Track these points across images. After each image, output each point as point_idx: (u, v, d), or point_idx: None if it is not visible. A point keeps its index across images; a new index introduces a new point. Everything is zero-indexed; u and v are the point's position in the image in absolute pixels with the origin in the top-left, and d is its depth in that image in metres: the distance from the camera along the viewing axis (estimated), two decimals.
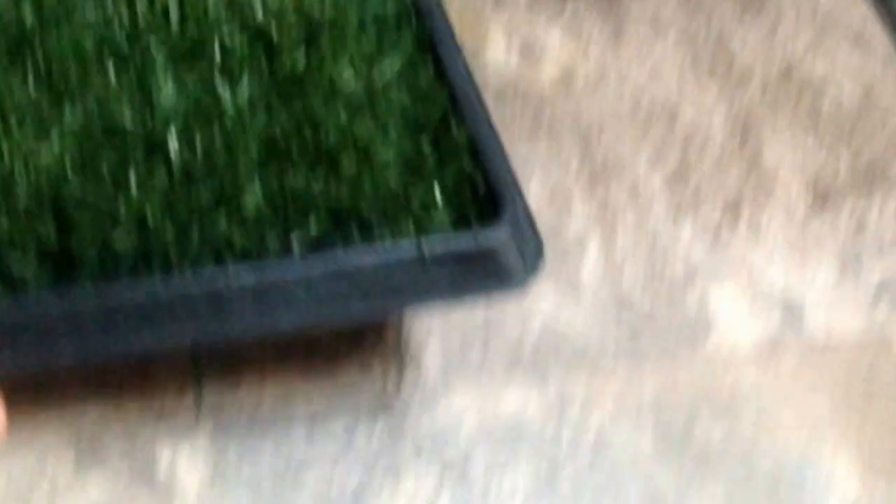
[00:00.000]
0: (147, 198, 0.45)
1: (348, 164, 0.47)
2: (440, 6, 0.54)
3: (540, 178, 0.59)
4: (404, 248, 0.44)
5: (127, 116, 0.47)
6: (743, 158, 0.62)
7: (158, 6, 0.52)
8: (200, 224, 0.45)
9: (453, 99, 0.49)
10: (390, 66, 0.50)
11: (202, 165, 0.46)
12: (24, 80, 0.49)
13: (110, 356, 0.44)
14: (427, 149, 0.48)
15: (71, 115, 0.47)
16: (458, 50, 0.52)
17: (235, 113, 0.48)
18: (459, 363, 0.51)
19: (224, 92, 0.49)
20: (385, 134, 0.48)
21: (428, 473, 0.48)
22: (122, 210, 0.45)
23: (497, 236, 0.45)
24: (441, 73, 0.50)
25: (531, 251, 0.46)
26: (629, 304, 0.55)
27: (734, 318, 0.56)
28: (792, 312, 0.56)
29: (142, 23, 0.51)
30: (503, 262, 0.45)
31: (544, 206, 0.58)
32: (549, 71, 0.64)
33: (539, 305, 0.54)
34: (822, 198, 0.61)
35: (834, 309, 0.57)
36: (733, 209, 0.60)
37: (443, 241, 0.44)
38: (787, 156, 0.63)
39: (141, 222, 0.44)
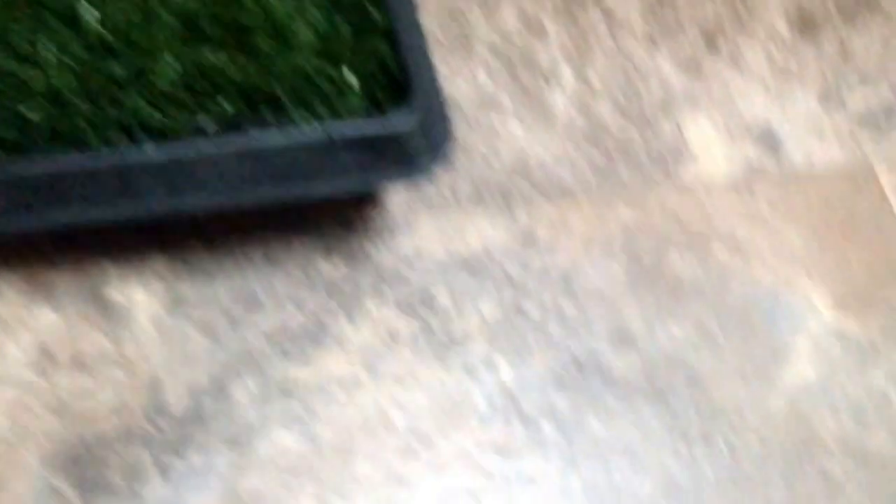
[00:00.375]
0: (61, 70, 0.43)
1: (264, 42, 0.45)
2: None
3: (511, 3, 0.56)
4: (312, 131, 0.43)
5: None
6: None
7: None
8: (114, 99, 0.43)
9: None
10: None
11: (118, 38, 0.45)
12: None
13: (20, 230, 0.43)
14: (344, 29, 0.46)
15: None
16: None
17: None
18: (423, 196, 0.50)
19: None
20: (303, 12, 0.46)
21: (390, 305, 0.46)
22: (36, 83, 0.43)
23: (405, 122, 0.44)
24: None
25: (441, 138, 0.45)
26: (603, 132, 0.53)
27: (711, 148, 0.54)
28: (771, 142, 0.55)
29: None
30: (410, 149, 0.44)
31: (516, 32, 0.55)
32: None
33: (509, 135, 0.52)
34: (805, 25, 0.58)
35: (815, 139, 0.55)
36: (713, 36, 0.57)
37: (350, 126, 0.43)
38: None
39: (55, 94, 0.43)
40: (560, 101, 0.54)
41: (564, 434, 0.45)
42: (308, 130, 0.43)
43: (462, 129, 0.51)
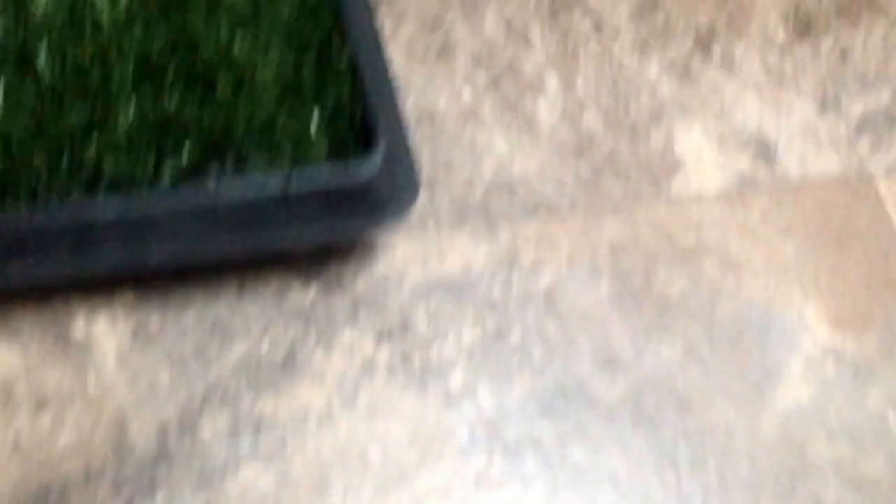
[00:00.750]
0: (14, 117, 0.42)
1: (224, 86, 0.44)
2: None
3: (495, 8, 0.54)
4: (274, 181, 0.42)
5: None
6: None
7: None
8: (70, 148, 0.42)
9: (339, 14, 0.46)
10: None
11: (74, 84, 0.44)
12: None
13: None
14: (307, 71, 0.45)
15: None
16: None
17: (111, 25, 0.45)
18: None
19: (100, 6, 0.45)
20: (265, 53, 0.45)
21: (366, 330, 0.45)
22: None
23: (369, 170, 0.42)
24: None
25: (407, 184, 0.44)
26: (590, 143, 0.52)
27: (702, 158, 0.52)
28: (765, 151, 0.53)
29: None
30: (375, 197, 0.43)
31: (500, 40, 0.53)
32: None
33: (492, 149, 0.50)
34: (802, 27, 0.56)
35: (811, 146, 0.53)
36: (705, 41, 0.55)
37: (313, 175, 0.42)
38: None
39: (7, 144, 0.42)
40: (545, 112, 0.52)
41: (547, 464, 0.44)
42: (269, 180, 0.42)
43: (442, 145, 0.50)
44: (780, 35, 0.56)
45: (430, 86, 0.51)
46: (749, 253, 0.50)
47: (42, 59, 0.44)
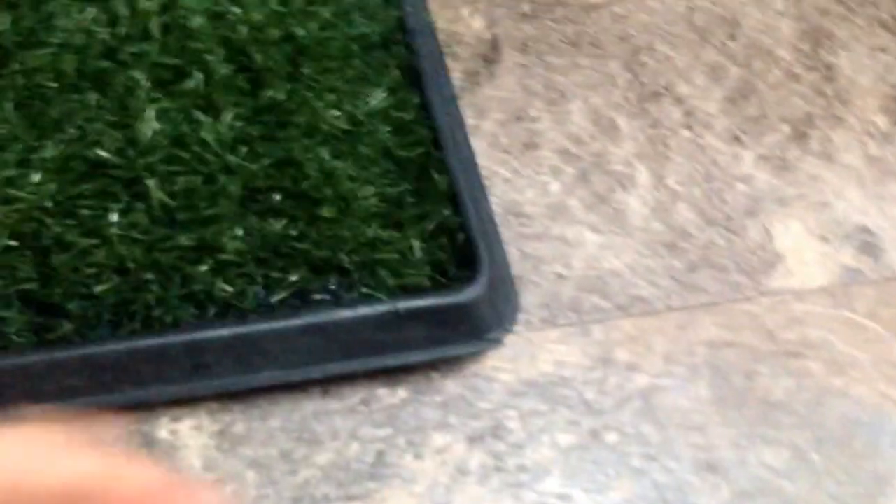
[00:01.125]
0: (128, 242, 0.43)
1: (329, 208, 0.45)
2: (430, 24, 0.51)
3: (582, 100, 0.53)
4: (379, 304, 0.42)
5: (109, 149, 0.45)
6: (813, 71, 0.55)
7: (140, 23, 0.49)
8: (182, 273, 0.43)
9: (437, 137, 0.47)
10: (375, 98, 0.48)
11: (184, 206, 0.44)
12: (2, 107, 0.46)
13: (90, 405, 0.42)
14: (407, 195, 0.46)
15: (53, 148, 0.45)
16: (445, 78, 0.50)
17: (218, 148, 0.46)
18: None
19: (206, 125, 0.46)
20: (366, 177, 0.46)
21: (457, 434, 0.43)
22: (103, 255, 0.43)
23: (472, 293, 0.43)
24: (426, 104, 0.49)
25: (507, 305, 0.45)
26: (683, 238, 0.50)
27: (802, 251, 0.50)
28: (869, 243, 0.50)
29: (123, 42, 0.48)
30: (478, 320, 0.44)
31: (587, 131, 0.52)
32: None
33: (582, 245, 0.49)
34: None
35: None
36: (802, 130, 0.53)
37: (417, 298, 0.43)
38: (864, 67, 0.56)
39: (121, 268, 0.43)
40: (636, 205, 0.50)
41: None
42: (375, 302, 0.42)
43: (530, 240, 0.48)
44: (881, 123, 0.54)
45: (517, 179, 0.50)
46: (856, 351, 0.47)
47: (152, 183, 0.44)
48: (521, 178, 0.50)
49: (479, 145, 0.50)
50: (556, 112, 0.52)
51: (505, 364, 0.45)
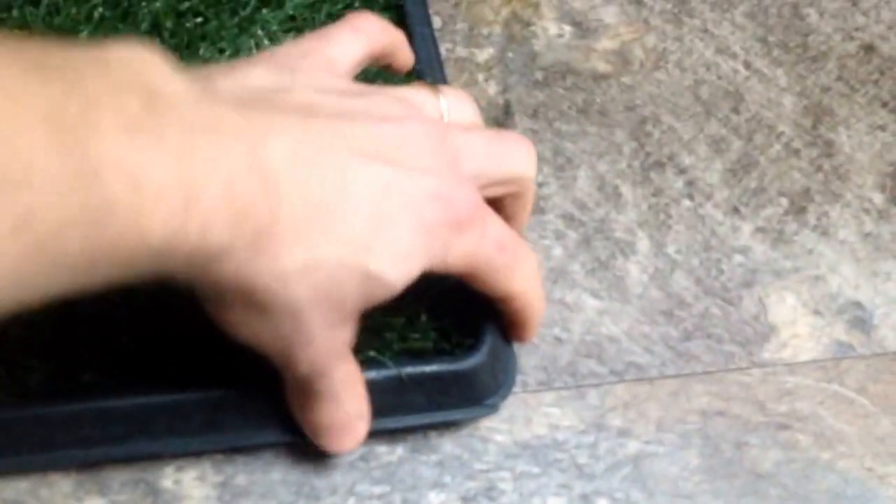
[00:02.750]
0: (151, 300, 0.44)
1: None
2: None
3: (588, 167, 0.55)
4: (386, 370, 0.44)
5: None
6: (814, 146, 0.57)
7: None
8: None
9: None
10: None
11: None
12: None
13: (101, 456, 0.43)
14: None
15: None
16: None
17: None
18: None
19: None
20: None
21: (451, 493, 0.44)
22: (126, 311, 0.44)
23: (474, 360, 0.44)
24: None
25: (507, 373, 0.46)
26: (680, 306, 0.51)
27: (796, 324, 0.51)
28: (861, 320, 0.52)
29: None
30: (477, 387, 0.45)
31: (591, 198, 0.54)
32: (603, 48, 0.59)
33: (581, 310, 0.50)
34: None
35: None
36: (800, 204, 0.55)
37: (422, 365, 0.44)
38: (863, 144, 0.57)
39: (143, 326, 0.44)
40: (636, 273, 0.52)
41: None
42: (380, 367, 0.43)
43: None
44: (877, 200, 0.56)
45: None
46: (845, 425, 0.49)
47: None
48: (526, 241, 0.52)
49: None
50: (562, 178, 0.54)
51: (501, 425, 0.46)
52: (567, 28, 0.59)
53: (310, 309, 0.36)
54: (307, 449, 0.44)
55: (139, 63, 0.32)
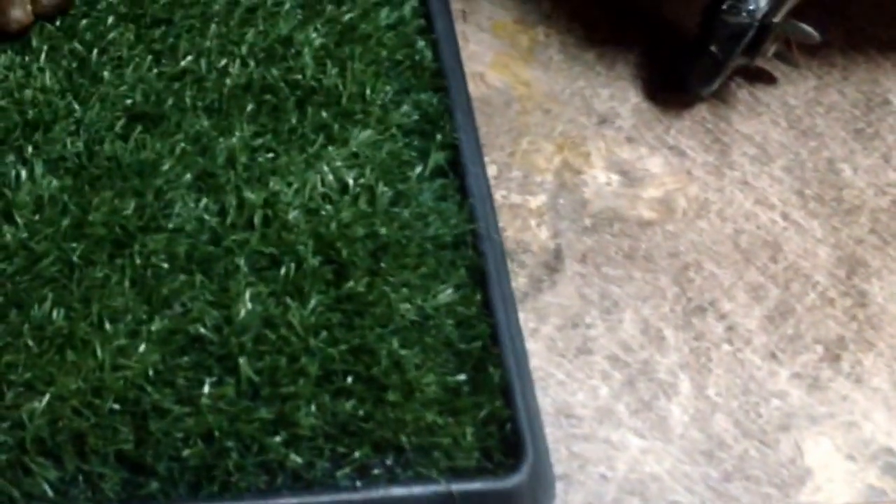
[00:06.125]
0: (216, 412, 0.48)
1: (394, 394, 0.50)
2: (496, 230, 0.57)
3: (633, 310, 0.58)
4: (434, 485, 0.47)
5: (208, 326, 0.51)
6: (848, 296, 0.60)
7: (245, 214, 0.55)
8: (260, 443, 0.48)
9: (494, 334, 0.52)
10: (443, 294, 0.54)
11: (267, 384, 0.50)
12: (121, 282, 0.52)
13: None
14: (464, 387, 0.51)
15: (159, 322, 0.51)
16: (507, 281, 0.56)
17: (301, 333, 0.51)
18: None
19: (293, 310, 0.52)
20: (429, 366, 0.51)
21: None
22: (193, 423, 0.48)
23: (516, 481, 0.48)
24: (487, 302, 0.54)
25: (545, 495, 0.50)
26: (720, 448, 0.54)
27: (831, 468, 0.54)
28: (892, 466, 0.54)
29: (228, 230, 0.55)
30: (519, 501, 0.48)
31: (636, 341, 0.57)
32: (648, 197, 0.63)
33: (625, 448, 0.53)
34: None
35: None
36: (835, 351, 0.58)
37: (469, 482, 0.47)
38: (895, 295, 0.61)
39: (207, 436, 0.48)
40: (678, 414, 0.55)
41: None
42: (428, 483, 0.47)
43: (578, 441, 0.53)
44: None
45: (570, 382, 0.55)
46: None
47: (243, 360, 0.50)
48: (573, 381, 0.55)
49: (537, 348, 0.55)
50: (609, 320, 0.57)
51: None
52: (615, 177, 0.63)
53: None
54: None
55: None
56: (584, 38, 0.69)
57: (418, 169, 0.58)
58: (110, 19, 0.62)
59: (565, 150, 0.64)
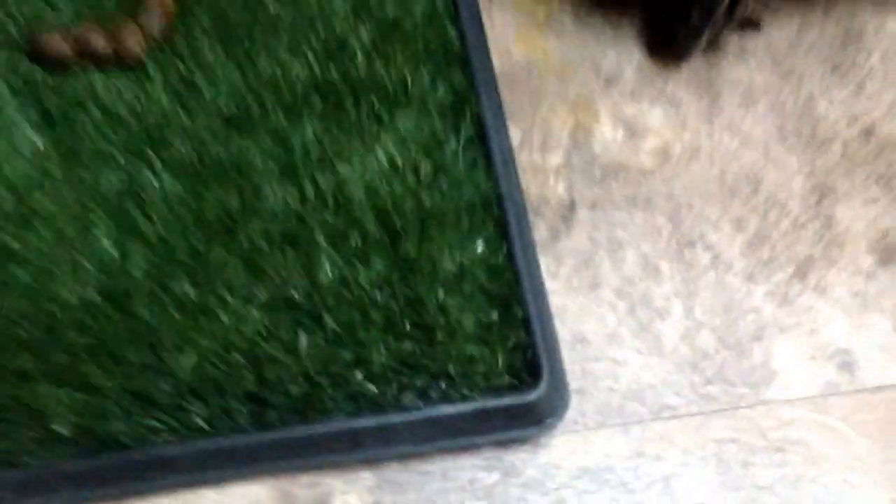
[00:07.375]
0: (311, 357, 0.63)
1: (442, 334, 0.64)
2: (519, 190, 0.69)
3: (634, 249, 0.72)
4: (475, 402, 0.62)
5: (299, 291, 0.65)
6: (816, 220, 0.73)
7: (320, 196, 0.69)
8: (345, 378, 0.62)
9: (517, 278, 0.65)
10: (477, 249, 0.66)
11: (346, 333, 0.64)
12: (234, 262, 0.67)
13: (282, 469, 0.64)
14: (495, 324, 0.64)
15: (264, 291, 0.66)
16: (528, 232, 0.68)
17: (369, 290, 0.65)
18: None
19: (362, 273, 0.65)
20: (468, 310, 0.64)
21: (535, 501, 0.63)
22: (296, 367, 0.63)
23: (535, 396, 0.62)
24: (511, 253, 0.66)
25: (561, 404, 0.64)
26: (703, 359, 0.68)
27: (795, 369, 0.68)
28: (846, 364, 0.68)
29: (309, 210, 0.68)
30: (539, 413, 0.63)
31: (637, 275, 0.71)
32: (649, 147, 0.75)
33: (627, 363, 0.68)
34: (886, 255, 0.71)
35: (887, 359, 0.68)
36: (803, 270, 0.71)
37: (499, 398, 0.62)
38: (859, 215, 0.73)
39: (307, 376, 0.63)
40: (670, 333, 0.69)
41: None
42: (471, 401, 0.62)
43: (590, 361, 0.68)
44: (867, 262, 0.71)
45: (583, 313, 0.69)
46: (828, 448, 0.65)
47: (328, 315, 0.65)
48: (586, 312, 0.69)
49: (557, 286, 0.70)
50: (614, 258, 0.71)
51: (568, 455, 0.65)
52: (620, 132, 0.76)
53: None
54: (429, 476, 0.63)
55: None
56: (594, 3, 0.80)
57: (452, 143, 0.71)
58: (206, 42, 0.75)
59: (578, 112, 0.76)
